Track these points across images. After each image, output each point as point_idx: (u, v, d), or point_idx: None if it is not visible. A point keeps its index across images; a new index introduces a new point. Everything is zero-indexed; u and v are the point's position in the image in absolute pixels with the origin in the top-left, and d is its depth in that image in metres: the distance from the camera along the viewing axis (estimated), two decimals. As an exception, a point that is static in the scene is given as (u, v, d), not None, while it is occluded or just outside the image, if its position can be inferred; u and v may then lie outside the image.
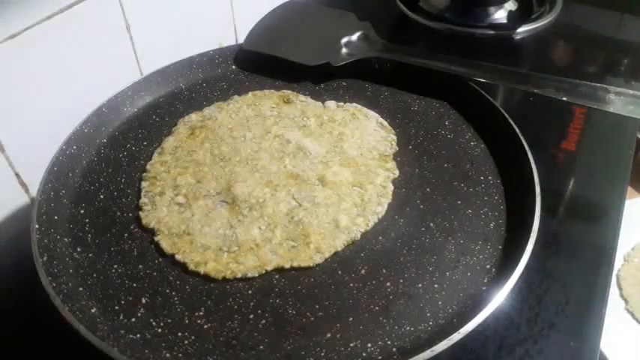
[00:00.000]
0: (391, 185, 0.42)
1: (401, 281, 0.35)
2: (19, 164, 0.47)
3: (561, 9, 0.73)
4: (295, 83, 0.53)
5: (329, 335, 0.33)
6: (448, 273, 0.36)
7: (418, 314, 0.34)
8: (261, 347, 0.32)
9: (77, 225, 0.40)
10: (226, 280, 0.36)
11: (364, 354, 0.32)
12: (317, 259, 0.36)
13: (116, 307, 0.34)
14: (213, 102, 0.51)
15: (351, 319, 0.33)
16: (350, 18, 0.58)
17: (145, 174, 0.43)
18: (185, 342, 0.32)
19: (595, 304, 0.39)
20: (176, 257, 0.37)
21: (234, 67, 0.56)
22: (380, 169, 0.43)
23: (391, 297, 0.35)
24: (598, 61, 0.69)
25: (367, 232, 0.39)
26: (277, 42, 0.56)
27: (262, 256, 0.36)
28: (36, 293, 0.33)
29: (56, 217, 0.39)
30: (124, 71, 0.55)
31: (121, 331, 0.33)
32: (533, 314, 0.38)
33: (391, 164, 0.44)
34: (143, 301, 0.35)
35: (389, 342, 0.32)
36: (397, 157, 0.45)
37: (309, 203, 0.40)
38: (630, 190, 0.76)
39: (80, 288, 0.35)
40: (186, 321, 0.33)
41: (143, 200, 0.41)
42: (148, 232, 0.39)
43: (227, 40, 0.66)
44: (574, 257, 0.43)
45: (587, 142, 0.53)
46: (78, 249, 0.38)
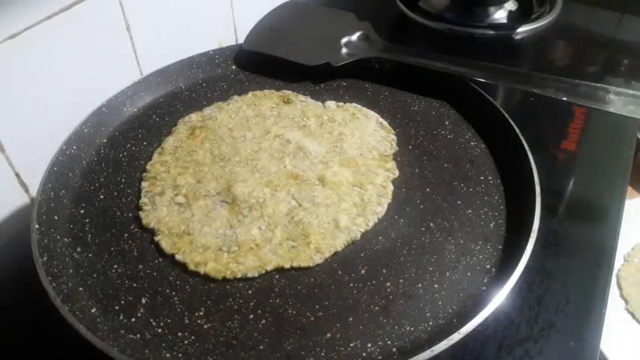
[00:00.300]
0: (391, 185, 0.42)
1: (401, 281, 0.36)
2: (19, 164, 0.47)
3: (561, 9, 0.73)
4: (295, 83, 0.53)
5: (329, 335, 0.33)
6: (448, 273, 0.36)
7: (418, 314, 0.34)
8: (261, 347, 0.32)
9: (77, 225, 0.40)
10: (226, 280, 0.36)
11: (364, 354, 0.32)
12: (317, 259, 0.37)
13: (116, 307, 0.34)
14: (213, 102, 0.51)
15: (351, 319, 0.33)
16: (350, 18, 0.58)
17: (145, 174, 0.43)
18: (185, 342, 0.32)
19: (595, 304, 0.39)
20: (176, 257, 0.37)
21: (234, 67, 0.56)
22: (380, 169, 0.43)
23: (391, 297, 0.35)
24: (598, 61, 0.69)
25: (367, 232, 0.39)
26: (277, 42, 0.56)
27: (262, 256, 0.36)
28: (36, 293, 0.33)
29: (56, 217, 0.39)
30: (124, 71, 0.55)
31: (121, 331, 0.33)
32: (533, 314, 0.38)
33: (391, 164, 0.44)
34: (143, 301, 0.35)
35: (389, 342, 0.32)
36: (397, 157, 0.45)
37: (309, 203, 0.40)
38: (630, 190, 0.76)
39: (80, 288, 0.35)
40: (186, 321, 0.33)
41: (143, 200, 0.41)
42: (148, 232, 0.39)
43: (227, 40, 0.66)
44: (574, 257, 0.43)
45: (587, 142, 0.53)
46: (78, 249, 0.38)
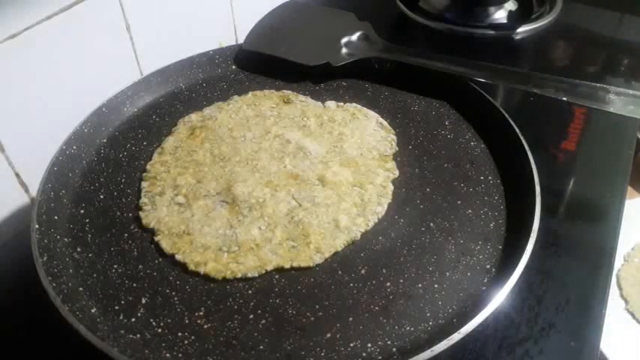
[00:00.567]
0: (391, 185, 0.42)
1: (401, 281, 0.36)
2: (19, 164, 0.47)
3: (561, 9, 0.73)
4: (295, 83, 0.53)
5: (329, 335, 0.33)
6: (448, 273, 0.36)
7: (418, 314, 0.34)
8: (261, 347, 0.32)
9: (77, 225, 0.40)
10: (226, 280, 0.36)
11: (364, 354, 0.32)
12: (317, 259, 0.37)
13: (116, 307, 0.34)
14: (213, 102, 0.51)
15: (351, 319, 0.33)
16: (350, 18, 0.58)
17: (145, 174, 0.43)
18: (185, 342, 0.32)
19: (595, 304, 0.39)
20: (176, 257, 0.37)
21: (234, 67, 0.56)
22: (380, 169, 0.43)
23: (391, 297, 0.35)
24: (598, 61, 0.68)
25: (367, 232, 0.39)
26: (277, 42, 0.56)
27: (262, 256, 0.36)
28: (36, 293, 0.33)
29: (56, 217, 0.39)
30: (124, 71, 0.55)
31: (121, 331, 0.33)
32: (533, 314, 0.38)
33: (391, 164, 0.44)
34: (143, 301, 0.35)
35: (389, 342, 0.32)
36: (397, 157, 0.45)
37: (309, 203, 0.40)
38: (630, 190, 0.76)
39: (80, 288, 0.35)
40: (186, 321, 0.33)
41: (143, 200, 0.41)
42: (148, 232, 0.39)
43: (227, 40, 0.66)
44: (574, 257, 0.43)
45: (587, 142, 0.53)
46: (78, 249, 0.38)
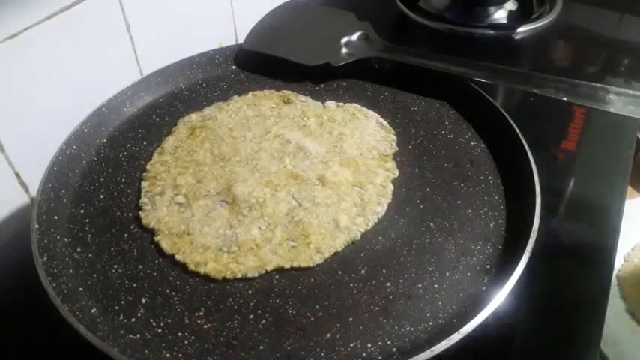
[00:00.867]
0: (391, 185, 0.42)
1: (401, 281, 0.35)
2: (19, 164, 0.47)
3: (561, 9, 0.73)
4: (295, 83, 0.53)
5: (329, 335, 0.33)
6: (448, 273, 0.36)
7: (418, 314, 0.34)
8: (261, 347, 0.32)
9: (77, 225, 0.40)
10: (226, 280, 0.36)
11: (364, 354, 0.32)
12: (317, 259, 0.36)
13: (116, 307, 0.34)
14: (213, 102, 0.51)
15: (351, 319, 0.33)
16: (350, 18, 0.58)
17: (145, 174, 0.43)
18: (185, 342, 0.32)
19: (595, 304, 0.39)
20: (176, 257, 0.37)
21: (234, 67, 0.56)
22: (380, 169, 0.43)
23: (391, 297, 0.35)
24: (598, 61, 0.68)
25: (367, 232, 0.39)
26: (277, 42, 0.56)
27: (262, 256, 0.36)
28: (36, 293, 0.33)
29: (56, 217, 0.39)
30: (124, 71, 0.55)
31: (121, 331, 0.33)
32: (533, 314, 0.38)
33: (391, 164, 0.44)
34: (143, 301, 0.35)
35: (389, 342, 0.32)
36: (397, 157, 0.45)
37: (309, 203, 0.40)
38: (630, 190, 0.76)
39: (80, 288, 0.35)
40: (186, 321, 0.33)
41: (143, 200, 0.41)
42: (148, 232, 0.39)
43: (227, 40, 0.66)
44: (574, 257, 0.43)
45: (587, 142, 0.53)
46: (78, 249, 0.38)
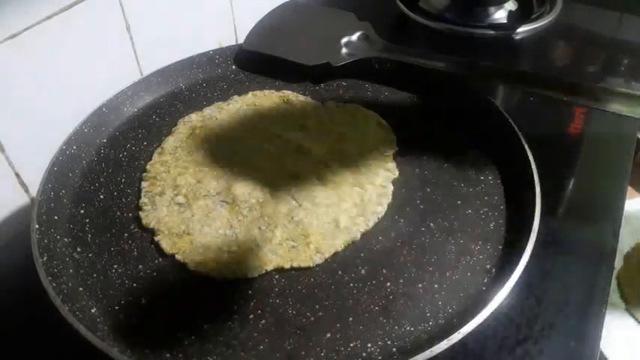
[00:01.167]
0: (391, 185, 0.42)
1: (401, 281, 0.35)
2: (19, 164, 0.47)
3: (561, 9, 0.73)
4: (295, 83, 0.53)
5: (329, 335, 0.33)
6: (448, 273, 0.36)
7: (418, 314, 0.34)
8: (261, 347, 0.32)
9: (77, 225, 0.40)
10: (226, 280, 0.36)
11: (364, 354, 0.32)
12: (317, 259, 0.37)
13: (116, 307, 0.34)
14: (213, 102, 0.51)
15: (351, 319, 0.33)
16: (350, 18, 0.58)
17: (145, 174, 0.43)
18: (185, 342, 0.32)
19: (595, 304, 0.39)
20: (176, 257, 0.37)
21: (234, 67, 0.56)
22: (380, 169, 0.43)
23: (391, 297, 0.35)
24: (598, 61, 0.68)
25: (367, 232, 0.39)
26: (277, 42, 0.56)
27: (262, 256, 0.36)
28: (36, 293, 0.33)
29: (56, 217, 0.39)
30: (124, 71, 0.55)
31: (121, 331, 0.33)
32: (533, 314, 0.38)
33: (391, 164, 0.44)
34: (143, 301, 0.35)
35: (389, 342, 0.32)
36: (397, 157, 0.45)
37: (309, 203, 0.40)
38: (630, 190, 0.76)
39: (80, 288, 0.35)
40: (186, 321, 0.33)
41: (143, 200, 0.41)
42: (148, 232, 0.39)
43: (227, 40, 0.66)
44: (574, 257, 0.43)
45: (587, 142, 0.53)
46: (78, 249, 0.38)
